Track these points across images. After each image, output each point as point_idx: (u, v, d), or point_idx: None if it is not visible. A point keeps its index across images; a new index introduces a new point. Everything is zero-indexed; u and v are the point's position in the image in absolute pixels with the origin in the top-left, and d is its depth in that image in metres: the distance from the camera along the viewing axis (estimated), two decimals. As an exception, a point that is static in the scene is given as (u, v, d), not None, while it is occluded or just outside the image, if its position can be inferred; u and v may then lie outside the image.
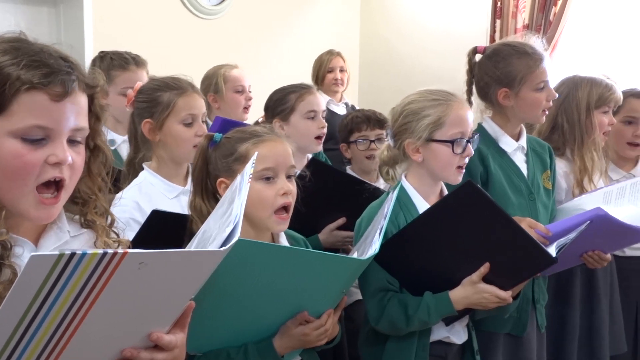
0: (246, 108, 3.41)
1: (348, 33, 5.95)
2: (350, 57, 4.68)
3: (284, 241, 1.79)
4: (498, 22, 5.26)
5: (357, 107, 4.57)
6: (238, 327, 1.62)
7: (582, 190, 2.54)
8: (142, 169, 2.10)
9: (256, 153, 1.59)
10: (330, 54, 4.49)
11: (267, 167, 1.70)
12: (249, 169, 1.40)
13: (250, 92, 3.42)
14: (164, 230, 1.76)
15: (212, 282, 1.48)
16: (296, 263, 1.55)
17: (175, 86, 2.10)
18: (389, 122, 2.06)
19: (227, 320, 1.60)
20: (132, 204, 1.95)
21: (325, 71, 4.42)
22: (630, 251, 2.81)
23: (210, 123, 3.24)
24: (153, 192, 1.98)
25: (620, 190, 2.36)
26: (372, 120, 2.81)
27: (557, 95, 2.33)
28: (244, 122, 3.16)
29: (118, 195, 1.88)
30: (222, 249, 1.08)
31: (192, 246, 1.32)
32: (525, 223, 2.09)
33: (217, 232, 1.24)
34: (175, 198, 2.05)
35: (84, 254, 0.92)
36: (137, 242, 1.77)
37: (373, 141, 2.77)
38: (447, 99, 1.94)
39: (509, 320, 2.22)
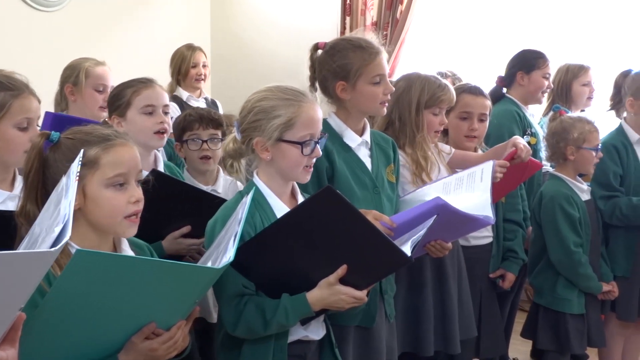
0: (103, 107, 3.24)
1: (199, 27, 5.86)
2: (201, 52, 4.60)
3: (126, 248, 1.70)
4: (348, 19, 5.37)
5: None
6: (80, 342, 1.51)
7: (421, 183, 2.60)
8: None
9: (82, 151, 1.51)
10: (192, 49, 4.39)
11: (120, 173, 1.62)
12: (75, 168, 1.32)
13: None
14: None
15: (50, 295, 1.38)
16: (144, 273, 1.46)
17: (10, 86, 1.93)
18: (237, 118, 2.00)
19: (67, 335, 1.48)
20: None
21: (188, 67, 4.33)
22: (474, 241, 2.95)
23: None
24: None
25: (458, 180, 2.45)
26: (205, 119, 2.71)
27: (393, 89, 2.38)
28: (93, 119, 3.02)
29: None
30: (52, 249, 1.00)
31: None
32: (371, 215, 2.11)
33: (44, 234, 1.15)
34: (1, 204, 1.91)
35: None
36: None
37: (206, 141, 2.68)
38: (298, 99, 1.92)
39: (358, 312, 2.24)
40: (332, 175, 2.27)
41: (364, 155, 2.37)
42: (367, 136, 2.38)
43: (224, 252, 1.63)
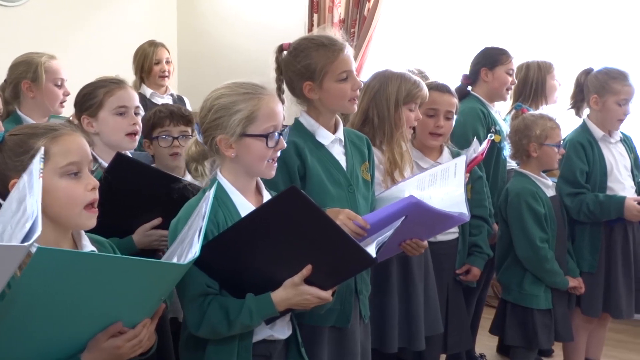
0: (62, 102, 3.21)
1: (165, 23, 5.81)
2: (168, 48, 4.55)
3: (87, 244, 1.67)
4: (315, 15, 5.36)
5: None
6: (43, 342, 1.48)
7: (394, 182, 2.61)
8: None
9: (42, 148, 1.50)
10: (154, 45, 4.35)
11: (72, 161, 1.60)
12: (37, 164, 1.30)
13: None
14: None
15: (11, 294, 1.36)
16: (107, 270, 1.44)
17: None
18: (197, 117, 1.98)
19: (29, 335, 1.45)
20: None
21: (151, 63, 4.29)
22: (440, 236, 2.94)
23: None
24: None
25: (432, 176, 2.44)
26: (176, 115, 2.68)
27: (362, 84, 2.36)
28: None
29: None
30: (24, 244, 0.98)
31: None
32: (344, 214, 2.11)
33: (11, 231, 1.13)
34: None
35: None
36: None
37: (176, 138, 2.65)
38: (257, 92, 1.90)
39: (332, 312, 2.23)
40: (305, 174, 2.25)
41: (338, 153, 2.35)
42: (340, 134, 2.36)
43: (188, 247, 1.61)
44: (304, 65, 2.26)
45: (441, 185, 2.39)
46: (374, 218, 2.15)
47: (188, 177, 2.62)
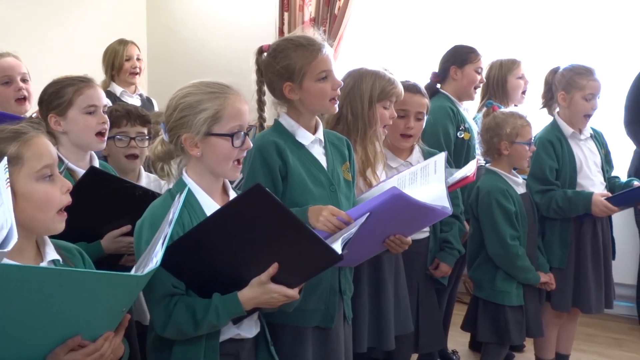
0: (20, 99, 3.14)
1: (134, 22, 5.76)
2: (138, 47, 4.50)
3: (51, 251, 1.63)
4: (286, 14, 5.35)
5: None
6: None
7: (365, 181, 2.62)
8: None
9: (5, 158, 1.47)
10: (124, 43, 4.32)
11: (47, 164, 1.57)
12: (2, 174, 1.28)
13: (24, 81, 3.17)
14: None
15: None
16: (63, 284, 1.41)
17: None
18: (162, 117, 1.96)
19: None
20: None
21: (122, 60, 4.25)
22: (412, 236, 2.96)
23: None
24: None
25: (412, 175, 2.45)
26: (133, 115, 2.63)
27: (342, 84, 2.36)
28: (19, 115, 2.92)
29: None
30: (3, 250, 0.96)
31: None
32: (328, 211, 2.11)
33: None
34: None
35: None
36: None
37: (133, 138, 2.61)
38: (224, 92, 1.89)
39: (316, 313, 2.24)
40: (286, 174, 2.25)
41: (318, 153, 2.35)
42: (320, 134, 2.37)
43: (151, 257, 1.59)
44: (283, 66, 2.26)
45: (422, 183, 2.40)
46: (357, 212, 2.14)
47: (143, 182, 2.59)
